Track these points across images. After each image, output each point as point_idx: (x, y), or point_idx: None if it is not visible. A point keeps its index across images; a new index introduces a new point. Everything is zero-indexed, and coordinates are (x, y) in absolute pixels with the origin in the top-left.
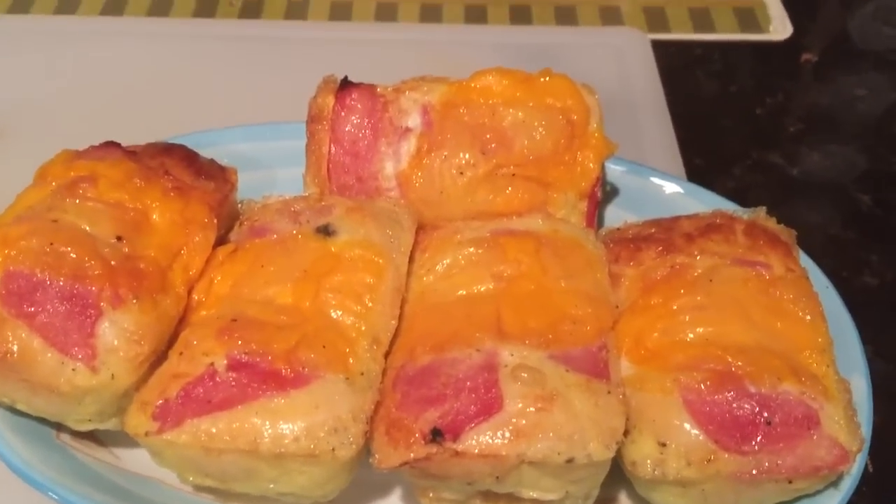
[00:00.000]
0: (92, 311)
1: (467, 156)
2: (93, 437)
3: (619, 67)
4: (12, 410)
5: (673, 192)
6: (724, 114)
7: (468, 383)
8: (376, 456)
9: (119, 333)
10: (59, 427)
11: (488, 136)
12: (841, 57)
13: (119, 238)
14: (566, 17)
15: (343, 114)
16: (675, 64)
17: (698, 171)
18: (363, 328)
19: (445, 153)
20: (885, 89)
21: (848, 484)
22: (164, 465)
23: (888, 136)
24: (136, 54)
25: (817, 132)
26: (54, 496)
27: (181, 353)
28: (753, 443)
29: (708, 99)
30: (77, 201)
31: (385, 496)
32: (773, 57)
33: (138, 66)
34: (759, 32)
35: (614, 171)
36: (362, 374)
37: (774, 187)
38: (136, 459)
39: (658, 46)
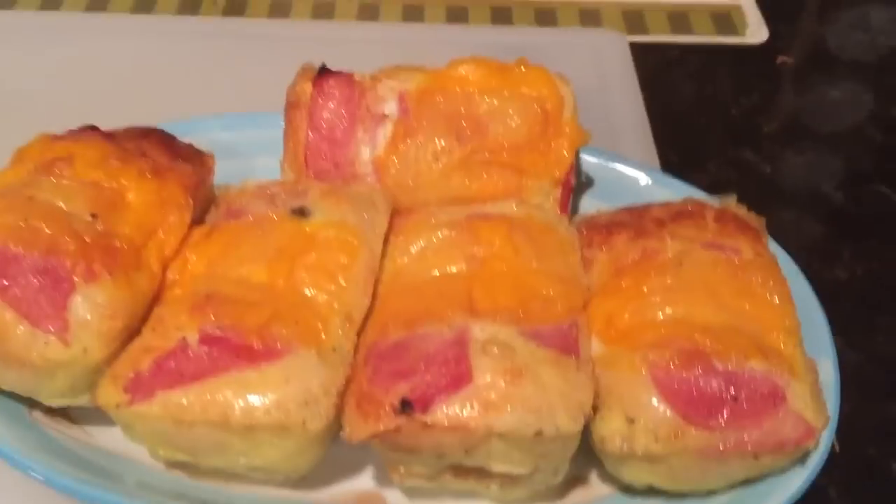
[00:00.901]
0: (65, 285)
1: (443, 142)
2: (65, 414)
3: (597, 67)
4: None
5: (646, 182)
6: (699, 113)
7: (439, 357)
8: (347, 429)
9: (92, 308)
10: (31, 405)
11: (464, 123)
12: (816, 61)
13: (94, 215)
14: (546, 18)
15: (321, 101)
16: (653, 65)
17: (673, 167)
18: (336, 306)
19: (421, 139)
20: (860, 91)
21: (814, 461)
22: (135, 440)
23: (862, 137)
24: (119, 51)
25: (792, 132)
26: (31, 472)
27: (154, 329)
28: (720, 418)
29: (684, 99)
30: (53, 180)
31: (357, 475)
32: (749, 60)
33: (120, 63)
34: (736, 35)
35: (588, 161)
36: (334, 349)
37: (748, 183)
38: (108, 437)
39: (636, 48)
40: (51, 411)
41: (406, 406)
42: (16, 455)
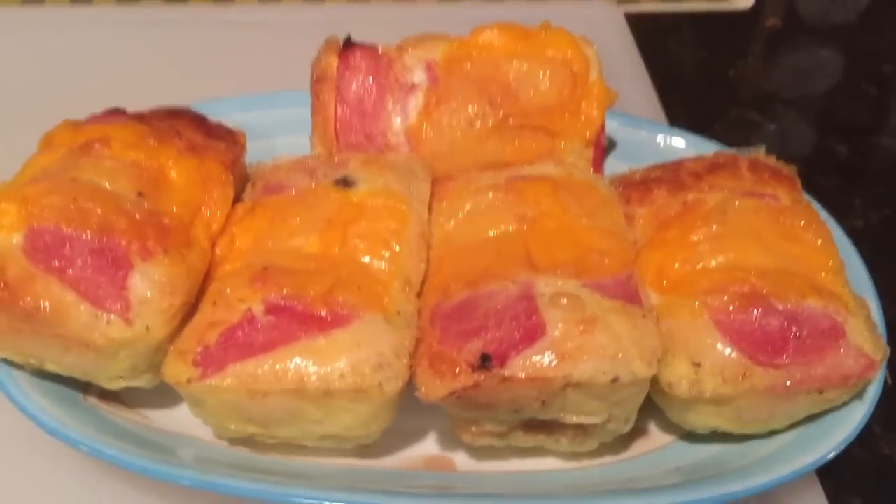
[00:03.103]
0: (123, 264)
1: (476, 108)
2: (119, 399)
3: (595, 39)
4: (38, 374)
5: (669, 141)
6: (699, 77)
7: (508, 313)
8: (422, 389)
9: (151, 285)
10: (85, 390)
11: (494, 88)
12: (802, 22)
13: (140, 194)
14: None
15: (347, 73)
16: (647, 34)
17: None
18: (394, 271)
19: (454, 106)
20: (850, 50)
21: (871, 395)
22: (203, 415)
23: (858, 93)
24: (108, 42)
25: (790, 91)
26: (98, 454)
27: (215, 303)
28: (785, 356)
29: (682, 65)
30: (93, 161)
31: (422, 441)
32: (738, 25)
33: (110, 54)
34: (724, 2)
35: (610, 125)
36: (398, 313)
37: (756, 141)
38: (165, 419)
39: (629, 18)
40: (105, 396)
41: (485, 360)
42: (81, 438)
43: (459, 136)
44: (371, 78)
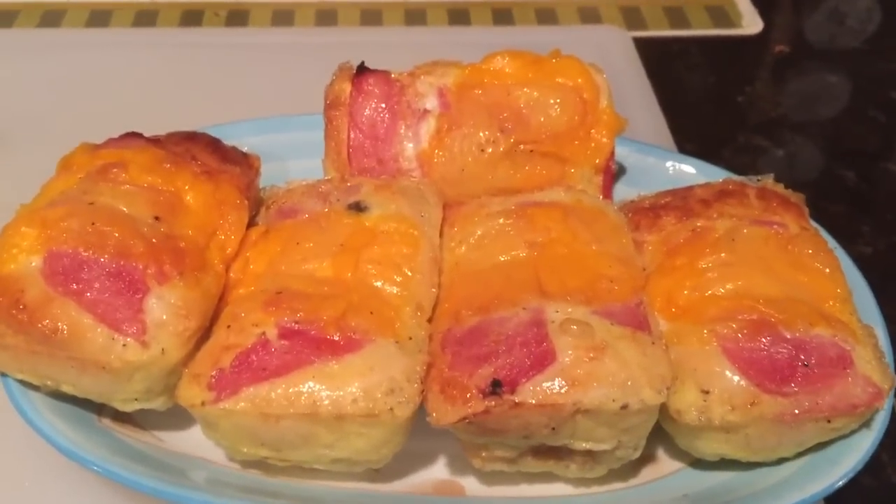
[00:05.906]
0: (140, 287)
1: (487, 133)
2: (133, 420)
3: (604, 63)
4: (54, 396)
5: (678, 168)
6: (707, 102)
7: (519, 339)
8: (433, 414)
9: (167, 308)
10: (99, 412)
11: (505, 114)
12: (811, 48)
13: (157, 218)
14: (546, 17)
15: (360, 99)
16: (656, 59)
17: (690, 155)
18: (406, 296)
19: (465, 132)
20: (858, 76)
21: (879, 423)
22: (216, 438)
23: (866, 119)
24: (124, 64)
25: (797, 116)
26: (110, 476)
27: (229, 326)
28: (793, 384)
29: (690, 90)
30: (111, 185)
31: (431, 465)
32: (746, 50)
33: (126, 76)
34: (732, 27)
35: (620, 151)
36: (410, 338)
37: (763, 167)
38: (178, 441)
39: (638, 43)
40: (119, 418)
41: (496, 385)
42: (94, 459)
43: (470, 161)
44: (384, 104)
